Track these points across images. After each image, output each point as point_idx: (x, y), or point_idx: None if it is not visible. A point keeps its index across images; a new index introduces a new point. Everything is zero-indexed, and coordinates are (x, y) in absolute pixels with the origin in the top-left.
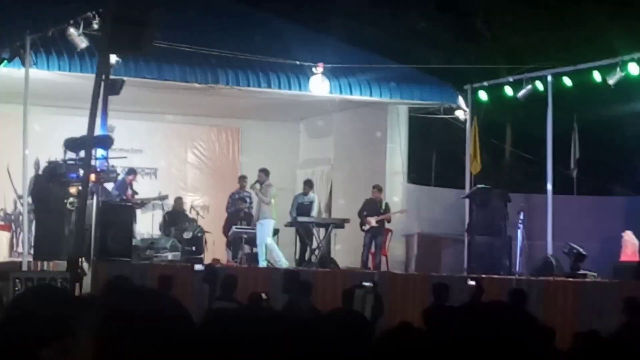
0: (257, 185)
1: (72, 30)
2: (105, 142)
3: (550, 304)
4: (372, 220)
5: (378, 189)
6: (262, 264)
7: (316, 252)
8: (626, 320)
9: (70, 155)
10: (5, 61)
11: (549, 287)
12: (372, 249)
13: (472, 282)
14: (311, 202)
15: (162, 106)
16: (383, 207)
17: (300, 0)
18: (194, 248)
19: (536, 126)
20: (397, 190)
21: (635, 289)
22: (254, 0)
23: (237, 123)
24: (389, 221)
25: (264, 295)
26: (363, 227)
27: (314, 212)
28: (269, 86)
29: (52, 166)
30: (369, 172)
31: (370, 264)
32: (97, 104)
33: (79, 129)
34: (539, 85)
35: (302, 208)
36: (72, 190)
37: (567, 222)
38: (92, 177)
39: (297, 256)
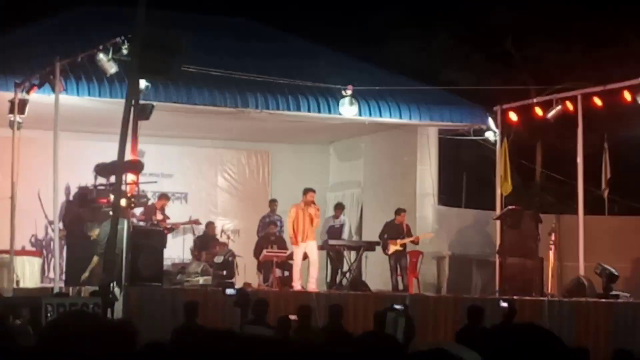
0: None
1: (101, 55)
2: (136, 167)
3: (582, 325)
4: (396, 244)
5: (402, 212)
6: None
7: (347, 275)
8: None
9: (101, 180)
10: (36, 87)
11: (582, 308)
12: (399, 272)
13: (505, 304)
14: (342, 225)
15: (192, 130)
16: (405, 229)
17: (329, 23)
18: (224, 272)
19: (566, 146)
20: (427, 212)
21: None
22: (282, 24)
23: (266, 146)
24: (416, 243)
25: (293, 318)
26: (386, 250)
27: (345, 235)
28: (299, 109)
29: (83, 191)
30: (399, 194)
31: (401, 286)
32: (127, 129)
33: (109, 154)
34: (569, 105)
35: (333, 231)
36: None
37: (598, 242)
38: (123, 202)
39: (329, 279)
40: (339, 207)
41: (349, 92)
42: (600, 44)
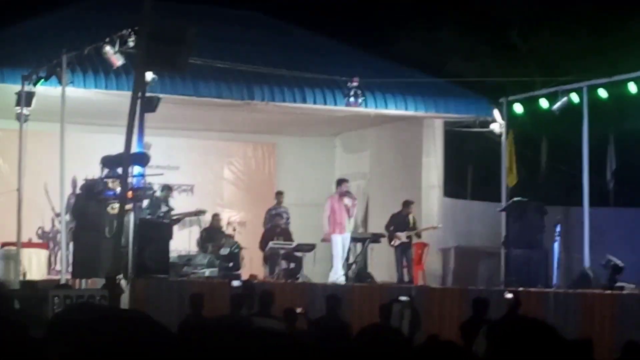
0: None
1: (108, 48)
2: (142, 159)
3: (587, 317)
4: (402, 236)
5: (408, 204)
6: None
7: (353, 267)
8: None
9: (107, 172)
10: (42, 80)
11: (587, 300)
12: (405, 264)
13: (510, 295)
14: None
15: (198, 123)
16: (411, 222)
17: (335, 16)
18: (231, 264)
19: (572, 138)
20: (433, 204)
21: None
22: (288, 16)
23: (272, 139)
24: (419, 236)
25: (299, 310)
26: (392, 242)
27: (351, 227)
28: (304, 101)
29: (90, 184)
30: (405, 186)
31: (406, 278)
32: (133, 122)
33: (116, 146)
34: (575, 97)
35: None
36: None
37: (604, 234)
38: (129, 194)
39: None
40: None
41: (355, 84)
42: (606, 36)
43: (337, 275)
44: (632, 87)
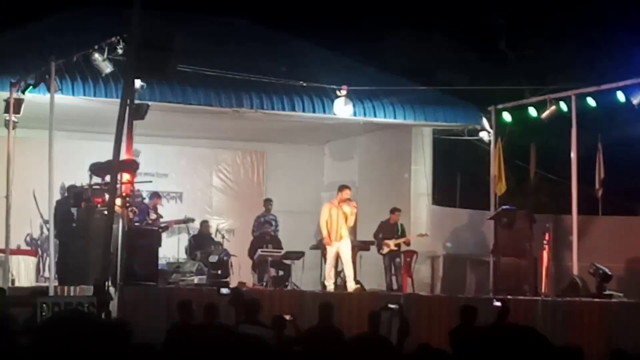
0: None
1: (96, 55)
2: (131, 166)
3: (576, 325)
4: (391, 244)
5: (396, 211)
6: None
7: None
8: None
9: (96, 179)
10: (31, 87)
11: (575, 308)
12: (393, 271)
13: (498, 303)
14: None
15: (187, 130)
16: (399, 229)
17: (324, 24)
18: (219, 272)
19: (560, 146)
20: (421, 212)
21: None
22: (277, 24)
23: (261, 146)
24: (408, 244)
25: (288, 317)
26: (380, 250)
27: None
28: (293, 109)
29: (78, 191)
30: (393, 194)
31: (395, 286)
32: (122, 129)
33: (104, 153)
34: (563, 105)
35: None
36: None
37: (592, 242)
38: (118, 201)
39: (323, 278)
40: None
41: (344, 92)
42: (594, 45)
43: (329, 283)
44: (620, 96)
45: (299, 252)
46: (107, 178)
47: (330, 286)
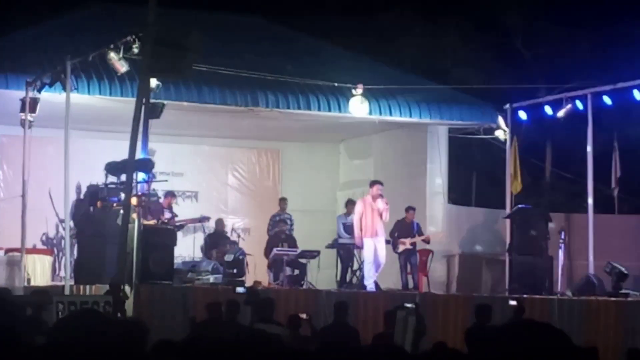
0: None
1: (112, 54)
2: (146, 165)
3: (592, 324)
4: (407, 242)
5: (411, 210)
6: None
7: (357, 273)
8: None
9: (112, 179)
10: (46, 86)
11: (591, 307)
12: (409, 270)
13: (514, 302)
14: (353, 223)
15: (203, 129)
16: (416, 228)
17: (339, 22)
18: (235, 270)
19: (576, 145)
20: (437, 211)
21: None
22: (292, 23)
23: (277, 145)
24: (427, 242)
25: (303, 316)
26: (396, 249)
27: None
28: (309, 108)
29: (94, 190)
30: (409, 192)
31: (411, 285)
32: (137, 128)
33: (120, 152)
34: (579, 104)
35: (345, 229)
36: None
37: (608, 241)
38: (134, 200)
39: (338, 277)
40: (351, 204)
41: (359, 90)
42: (610, 43)
43: (368, 282)
44: (636, 95)
45: (315, 251)
46: (123, 177)
47: (370, 285)
